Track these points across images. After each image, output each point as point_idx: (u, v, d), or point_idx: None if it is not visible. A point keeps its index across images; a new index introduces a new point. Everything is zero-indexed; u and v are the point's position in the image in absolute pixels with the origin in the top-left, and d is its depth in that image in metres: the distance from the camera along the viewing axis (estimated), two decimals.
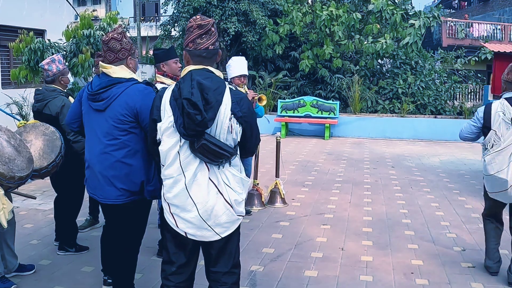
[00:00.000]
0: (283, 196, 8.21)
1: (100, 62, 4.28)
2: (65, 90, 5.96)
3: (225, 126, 3.34)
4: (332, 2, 17.90)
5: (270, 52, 19.14)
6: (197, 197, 3.42)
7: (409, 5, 18.95)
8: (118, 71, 4.24)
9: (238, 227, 3.63)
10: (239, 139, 3.45)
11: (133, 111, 4.11)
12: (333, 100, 17.76)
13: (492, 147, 5.14)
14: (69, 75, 6.03)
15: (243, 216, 3.59)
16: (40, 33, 12.86)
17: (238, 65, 7.25)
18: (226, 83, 3.45)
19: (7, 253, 5.20)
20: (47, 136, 4.97)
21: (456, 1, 42.59)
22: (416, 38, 17.17)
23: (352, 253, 6.09)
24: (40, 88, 5.90)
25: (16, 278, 5.25)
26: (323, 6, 17.99)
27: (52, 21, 10.43)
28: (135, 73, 4.40)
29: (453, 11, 41.93)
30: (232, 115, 3.35)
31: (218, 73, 3.47)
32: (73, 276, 5.38)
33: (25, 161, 4.50)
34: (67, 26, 9.53)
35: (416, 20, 17.44)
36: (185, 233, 3.50)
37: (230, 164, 3.46)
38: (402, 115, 17.11)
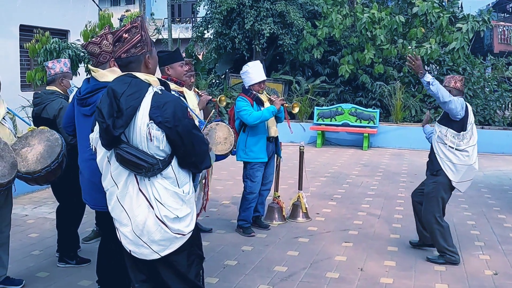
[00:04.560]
0: (305, 210, 8.03)
1: (89, 66, 4.29)
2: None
3: (143, 133, 3.24)
4: (374, 4, 17.62)
5: (308, 56, 18.97)
6: (130, 210, 3.35)
7: (458, 8, 18.54)
8: (106, 75, 4.26)
9: (191, 246, 3.51)
10: (163, 147, 3.28)
11: None
12: (374, 108, 17.45)
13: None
14: (71, 81, 6.00)
15: (183, 234, 3.41)
16: (64, 33, 12.97)
17: (255, 71, 7.09)
18: (153, 87, 3.33)
19: None
20: (49, 142, 4.97)
21: (511, 5, 41.61)
22: (463, 43, 16.75)
23: (371, 274, 5.87)
24: (39, 92, 5.90)
25: None
26: (365, 9, 17.73)
27: (75, 21, 10.50)
28: None
29: (507, 15, 40.98)
30: (151, 121, 3.23)
31: (144, 76, 3.36)
32: None
33: (7, 167, 4.47)
34: (85, 26, 9.54)
35: (463, 24, 17.03)
36: (129, 250, 3.45)
37: (161, 175, 3.32)
38: None
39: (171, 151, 3.33)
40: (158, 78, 3.47)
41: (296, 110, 7.30)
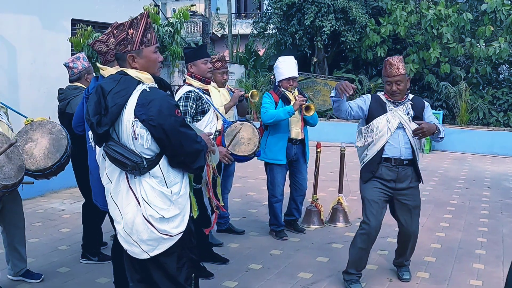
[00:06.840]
0: (346, 215, 7.85)
1: (97, 64, 4.28)
2: None
3: (129, 131, 3.24)
4: (441, 0, 17.17)
5: (371, 55, 18.67)
6: (121, 208, 3.39)
7: None
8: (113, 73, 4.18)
9: (182, 248, 3.49)
10: (147, 145, 3.26)
11: None
12: (438, 110, 17.02)
13: None
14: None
15: (171, 235, 3.40)
16: None
17: (286, 66, 6.88)
18: (143, 84, 3.32)
19: (13, 256, 5.37)
20: (53, 134, 4.96)
21: None
22: None
23: (399, 286, 5.68)
24: (63, 88, 5.99)
25: (24, 284, 5.39)
26: (431, 5, 17.31)
27: (129, 15, 10.55)
28: None
29: None
30: (136, 119, 3.23)
31: (135, 73, 3.35)
32: (84, 287, 5.39)
33: (15, 169, 4.49)
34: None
35: None
36: (124, 248, 3.49)
37: (149, 174, 3.33)
38: None
39: (159, 149, 3.33)
40: (154, 76, 3.45)
41: (310, 113, 6.83)
